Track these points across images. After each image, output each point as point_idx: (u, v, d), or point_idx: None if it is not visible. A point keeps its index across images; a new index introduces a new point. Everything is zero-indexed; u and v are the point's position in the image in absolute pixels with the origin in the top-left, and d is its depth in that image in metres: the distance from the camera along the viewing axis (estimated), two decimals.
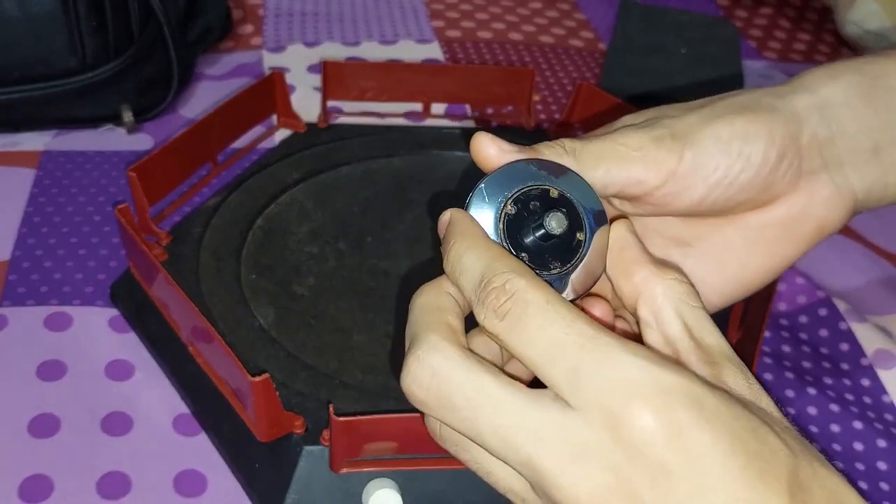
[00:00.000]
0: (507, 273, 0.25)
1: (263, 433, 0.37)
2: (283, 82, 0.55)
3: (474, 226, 0.27)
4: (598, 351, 0.23)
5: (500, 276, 0.25)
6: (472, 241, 0.26)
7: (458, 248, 0.26)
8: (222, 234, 0.47)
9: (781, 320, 0.49)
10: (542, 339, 0.24)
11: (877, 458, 0.42)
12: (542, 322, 0.24)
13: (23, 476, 0.38)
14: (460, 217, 0.27)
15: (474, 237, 0.26)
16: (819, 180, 0.31)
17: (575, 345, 0.23)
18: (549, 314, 0.24)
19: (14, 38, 0.55)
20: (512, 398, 0.24)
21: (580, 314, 0.24)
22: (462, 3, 0.85)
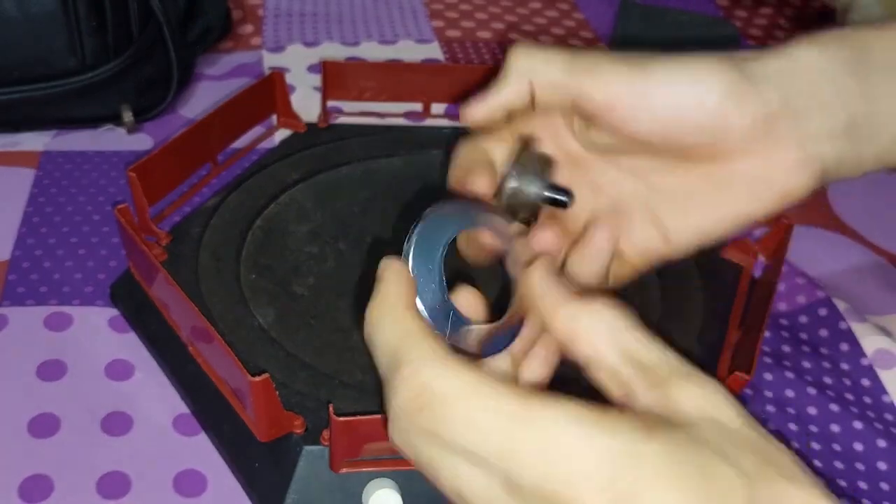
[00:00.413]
0: (416, 361, 0.24)
1: (263, 433, 0.37)
2: (282, 82, 0.55)
3: (397, 286, 0.27)
4: (523, 437, 0.22)
5: (410, 365, 0.24)
6: (388, 308, 0.27)
7: (373, 315, 0.27)
8: (222, 234, 0.47)
9: (781, 320, 0.49)
10: (465, 434, 0.23)
11: (877, 458, 0.42)
12: (459, 417, 0.23)
13: (23, 476, 0.38)
14: (388, 274, 0.28)
15: (394, 303, 0.27)
16: (786, 146, 0.31)
17: (504, 428, 0.22)
18: (462, 407, 0.23)
19: (14, 38, 0.55)
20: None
21: (496, 390, 0.23)
22: (462, 3, 0.85)
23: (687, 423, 0.23)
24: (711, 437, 0.22)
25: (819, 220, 0.58)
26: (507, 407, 0.23)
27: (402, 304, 0.27)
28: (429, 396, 0.24)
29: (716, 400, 0.24)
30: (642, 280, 0.47)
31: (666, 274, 0.48)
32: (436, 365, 0.24)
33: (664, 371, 0.24)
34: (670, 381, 0.24)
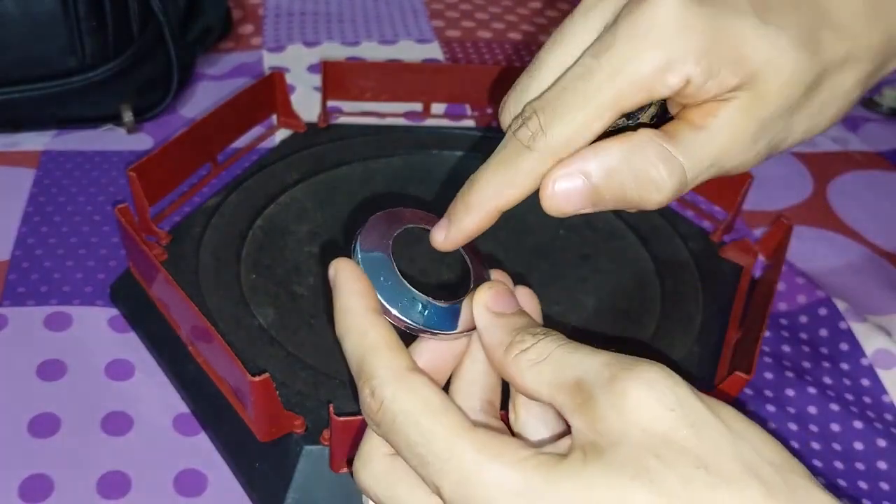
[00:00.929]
0: (375, 380, 0.25)
1: (263, 433, 0.37)
2: (283, 82, 0.55)
3: (351, 291, 0.27)
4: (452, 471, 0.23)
5: (369, 382, 0.26)
6: (351, 320, 0.27)
7: (339, 327, 0.27)
8: (222, 234, 0.47)
9: (781, 320, 0.49)
10: (410, 455, 0.25)
11: (877, 458, 0.42)
12: (405, 439, 0.24)
13: (23, 476, 0.38)
14: (341, 278, 0.28)
15: (354, 313, 0.27)
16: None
17: (436, 465, 0.24)
18: (411, 430, 0.24)
19: (14, 38, 0.55)
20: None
21: (441, 420, 0.24)
22: (462, 3, 0.85)
23: (611, 444, 0.22)
24: (634, 454, 0.22)
25: (819, 220, 0.58)
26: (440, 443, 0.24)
27: (362, 310, 0.27)
28: (385, 413, 0.25)
29: (640, 401, 0.22)
30: (642, 280, 0.47)
31: (666, 274, 0.48)
32: (392, 384, 0.25)
33: (588, 384, 0.23)
34: (594, 393, 0.23)
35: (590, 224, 0.51)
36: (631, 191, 0.26)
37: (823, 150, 0.66)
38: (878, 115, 0.71)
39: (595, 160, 0.26)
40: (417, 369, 0.26)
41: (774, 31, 0.26)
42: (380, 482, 0.27)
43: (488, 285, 0.28)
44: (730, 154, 0.27)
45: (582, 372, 0.24)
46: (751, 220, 0.57)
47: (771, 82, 0.26)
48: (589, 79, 0.25)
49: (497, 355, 0.26)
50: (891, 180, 0.63)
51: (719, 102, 0.26)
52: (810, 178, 0.62)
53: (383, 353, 0.26)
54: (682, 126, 0.26)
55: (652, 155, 0.26)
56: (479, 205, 0.27)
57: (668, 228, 0.51)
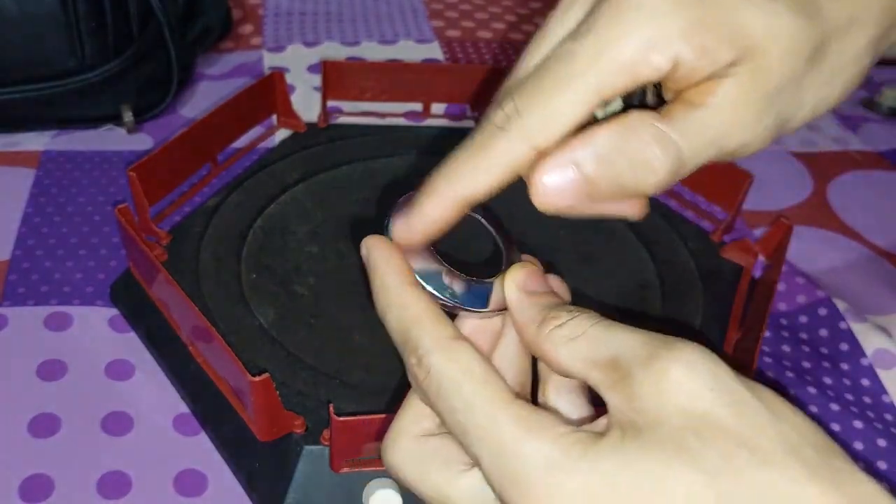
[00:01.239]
0: (421, 350, 0.26)
1: (263, 433, 0.37)
2: (283, 82, 0.55)
3: (391, 269, 0.28)
4: (492, 445, 0.23)
5: (415, 352, 0.26)
6: (392, 296, 0.27)
7: (380, 303, 0.28)
8: (222, 233, 0.47)
9: (781, 320, 0.49)
10: (462, 419, 0.24)
11: (877, 458, 0.42)
12: (457, 403, 0.25)
13: (23, 476, 0.38)
14: (376, 254, 0.28)
15: (394, 288, 0.27)
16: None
17: (475, 436, 0.24)
18: (455, 398, 0.25)
19: (14, 38, 0.55)
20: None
21: (484, 390, 0.24)
22: (462, 3, 0.85)
23: (650, 423, 0.22)
24: (673, 433, 0.21)
25: (819, 220, 0.58)
26: (480, 415, 0.24)
27: (401, 285, 0.27)
28: (432, 381, 0.25)
29: (680, 381, 0.22)
30: (642, 280, 0.47)
31: (666, 274, 0.48)
32: (437, 352, 0.25)
33: (626, 361, 0.23)
34: (632, 371, 0.23)
35: (590, 224, 0.51)
36: (626, 177, 0.25)
37: (823, 149, 0.66)
38: (878, 115, 0.71)
39: (584, 147, 0.24)
40: (461, 337, 0.26)
41: (769, 2, 0.24)
42: (408, 461, 0.27)
43: (520, 265, 0.28)
44: (731, 134, 0.25)
45: (619, 349, 0.23)
46: (751, 220, 0.57)
47: (770, 53, 0.25)
48: (568, 61, 0.24)
49: (530, 332, 0.26)
50: (891, 180, 0.63)
51: (717, 80, 0.25)
52: (810, 178, 0.62)
53: (427, 324, 0.26)
54: (678, 106, 0.25)
55: (645, 135, 0.24)
56: (445, 192, 0.26)
57: (668, 228, 0.51)
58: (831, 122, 0.69)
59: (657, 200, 0.53)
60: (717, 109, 0.25)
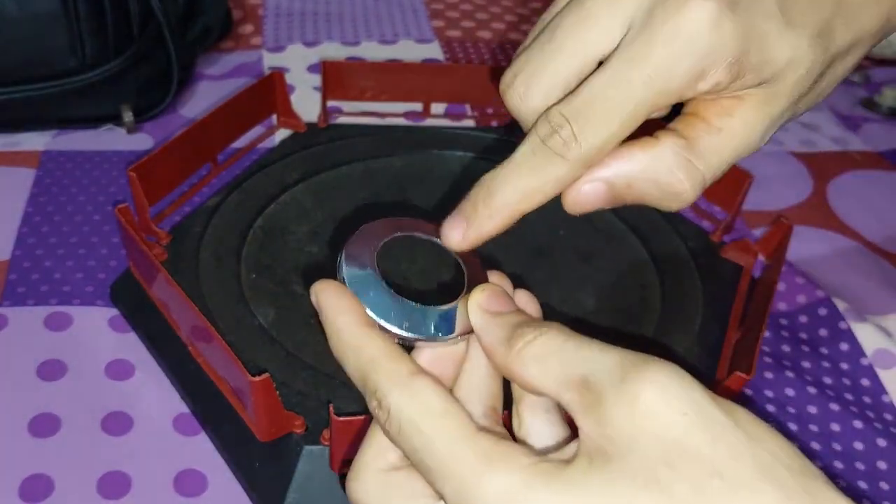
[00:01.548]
0: (379, 392, 0.25)
1: (263, 433, 0.37)
2: (283, 82, 0.55)
3: (342, 313, 0.27)
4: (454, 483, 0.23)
5: (374, 394, 0.26)
6: (346, 339, 0.27)
7: (335, 348, 0.27)
8: (222, 233, 0.47)
9: (781, 320, 0.49)
10: (424, 457, 0.24)
11: (877, 458, 0.42)
12: (417, 442, 0.24)
13: (23, 476, 0.38)
14: (329, 298, 0.27)
15: (347, 331, 0.27)
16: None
17: (439, 475, 0.23)
18: (423, 433, 0.24)
19: (14, 38, 0.55)
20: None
21: (451, 416, 0.24)
22: (462, 3, 0.85)
23: (620, 451, 0.21)
24: (644, 463, 0.21)
25: (819, 220, 0.58)
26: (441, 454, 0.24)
27: (353, 326, 0.27)
28: (394, 424, 0.25)
29: (653, 405, 0.21)
30: (642, 280, 0.47)
31: (666, 274, 0.48)
32: (395, 391, 0.25)
33: (598, 383, 0.23)
34: (604, 394, 0.22)
35: (590, 224, 0.51)
36: (651, 197, 0.27)
37: (823, 149, 0.66)
38: (878, 115, 0.71)
39: (617, 168, 0.27)
40: (420, 372, 0.26)
41: (797, 33, 0.26)
42: (372, 496, 0.26)
43: (482, 287, 0.28)
44: (742, 151, 0.27)
45: (590, 370, 0.23)
46: (751, 220, 0.57)
47: (787, 80, 0.27)
48: (625, 86, 0.25)
49: (499, 353, 0.26)
50: (891, 180, 0.63)
51: (735, 100, 0.27)
52: (810, 178, 0.62)
53: (384, 364, 0.26)
54: (699, 128, 0.27)
55: (673, 165, 0.26)
56: (504, 208, 0.27)
57: (668, 228, 0.51)
58: (831, 122, 0.69)
59: None
60: (735, 134, 0.27)
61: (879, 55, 0.79)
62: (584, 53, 0.26)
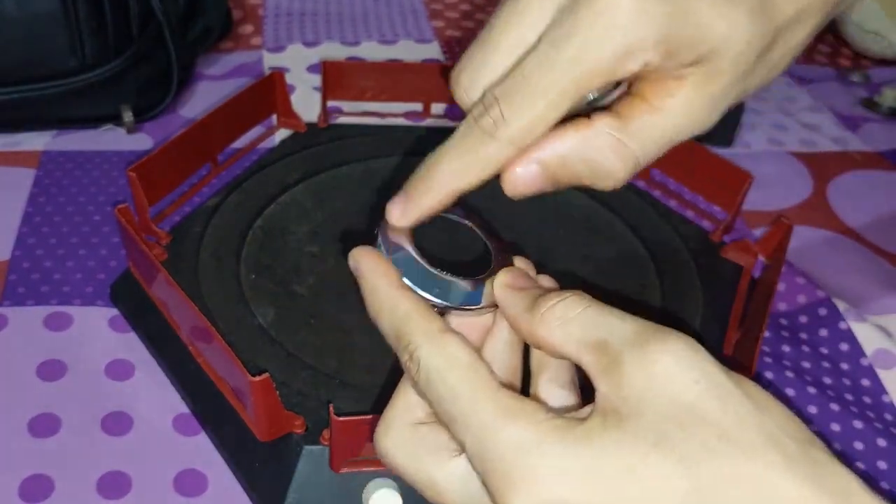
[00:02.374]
0: (412, 344, 0.27)
1: (263, 433, 0.37)
2: (283, 82, 0.55)
3: (379, 274, 0.29)
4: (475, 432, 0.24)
5: (406, 348, 0.27)
6: (382, 298, 0.28)
7: (372, 307, 0.29)
8: (222, 234, 0.47)
9: (781, 320, 0.49)
10: (448, 407, 0.25)
11: (877, 458, 0.42)
12: (443, 391, 0.26)
13: (23, 475, 0.38)
14: (367, 263, 0.29)
15: (383, 291, 0.28)
16: None
17: (461, 423, 0.25)
18: (448, 383, 0.26)
19: (14, 38, 0.55)
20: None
21: (468, 380, 0.25)
22: (462, 3, 0.85)
23: (634, 411, 0.23)
24: (656, 423, 0.22)
25: (819, 220, 0.58)
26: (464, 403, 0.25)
27: (389, 287, 0.28)
28: (423, 374, 0.26)
29: (669, 370, 0.23)
30: (642, 280, 0.47)
31: (666, 274, 0.48)
32: (426, 345, 0.26)
33: (617, 347, 0.24)
34: (622, 358, 0.23)
35: (590, 224, 0.51)
36: (585, 176, 0.27)
37: (823, 150, 0.66)
38: (878, 115, 0.71)
39: (550, 149, 0.27)
40: (450, 330, 0.27)
41: (732, 7, 0.26)
42: (400, 448, 0.27)
43: (505, 269, 0.29)
44: (684, 131, 0.28)
45: (611, 334, 0.24)
46: (751, 220, 0.57)
47: (726, 56, 0.26)
48: (549, 67, 0.26)
49: (523, 320, 0.27)
50: (891, 180, 0.63)
51: (676, 80, 0.27)
52: (810, 178, 0.62)
53: (416, 320, 0.27)
54: (637, 107, 0.27)
55: (604, 145, 0.27)
56: (440, 187, 0.28)
57: (668, 229, 0.51)
58: (831, 122, 0.69)
59: (657, 200, 0.53)
60: (675, 113, 0.27)
61: (880, 55, 0.79)
62: (518, 45, 0.27)
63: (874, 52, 0.79)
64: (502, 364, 0.29)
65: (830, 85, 0.75)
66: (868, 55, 0.80)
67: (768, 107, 0.70)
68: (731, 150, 0.64)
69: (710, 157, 0.51)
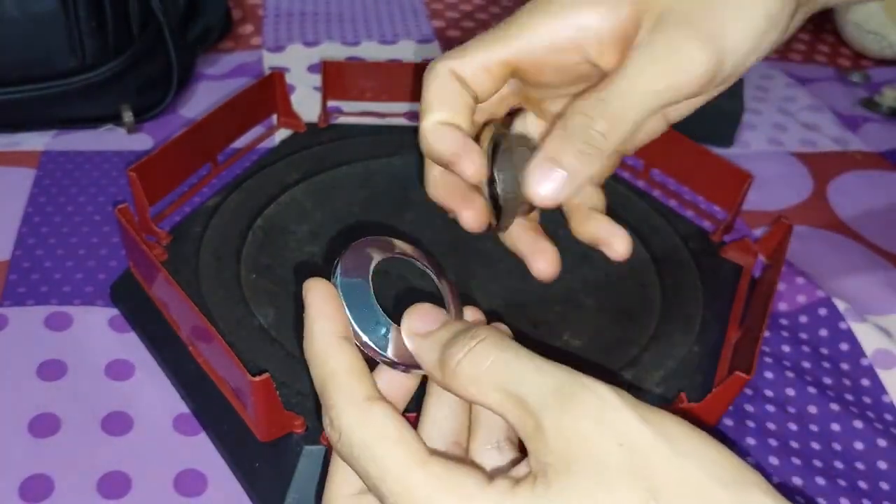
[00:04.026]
0: (333, 410, 0.26)
1: (263, 433, 0.37)
2: (283, 82, 0.55)
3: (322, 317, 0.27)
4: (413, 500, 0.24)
5: (328, 412, 0.26)
6: (315, 346, 0.27)
7: (305, 351, 0.27)
8: (222, 234, 0.47)
9: (781, 320, 0.49)
10: (367, 481, 0.25)
11: (877, 458, 0.42)
12: (363, 468, 0.25)
13: (23, 476, 0.38)
14: (313, 299, 0.28)
15: (318, 338, 0.27)
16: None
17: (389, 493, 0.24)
18: (366, 461, 0.25)
19: (14, 38, 0.55)
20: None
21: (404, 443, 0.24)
22: (462, 3, 0.85)
23: (562, 472, 0.23)
24: (583, 487, 0.22)
25: (819, 220, 0.58)
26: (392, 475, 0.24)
27: (326, 335, 0.27)
28: (345, 442, 0.25)
29: (590, 434, 0.23)
30: (642, 280, 0.47)
31: (666, 274, 0.48)
32: (349, 413, 0.25)
33: (536, 407, 0.23)
34: (542, 422, 0.23)
35: None
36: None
37: (823, 150, 0.66)
38: (878, 115, 0.71)
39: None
40: (378, 397, 0.26)
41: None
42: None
43: (409, 310, 0.28)
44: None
45: (527, 392, 0.24)
46: (751, 220, 0.57)
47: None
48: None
49: (436, 376, 0.26)
50: (891, 180, 0.63)
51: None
52: (810, 178, 0.62)
53: (343, 381, 0.26)
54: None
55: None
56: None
57: (668, 228, 0.51)
58: (831, 122, 0.69)
59: (657, 200, 0.53)
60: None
61: (880, 55, 0.79)
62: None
63: (874, 52, 0.79)
64: (446, 425, 0.28)
65: (830, 85, 0.75)
66: (868, 55, 0.80)
67: (768, 107, 0.70)
68: (731, 150, 0.64)
69: (710, 157, 0.51)
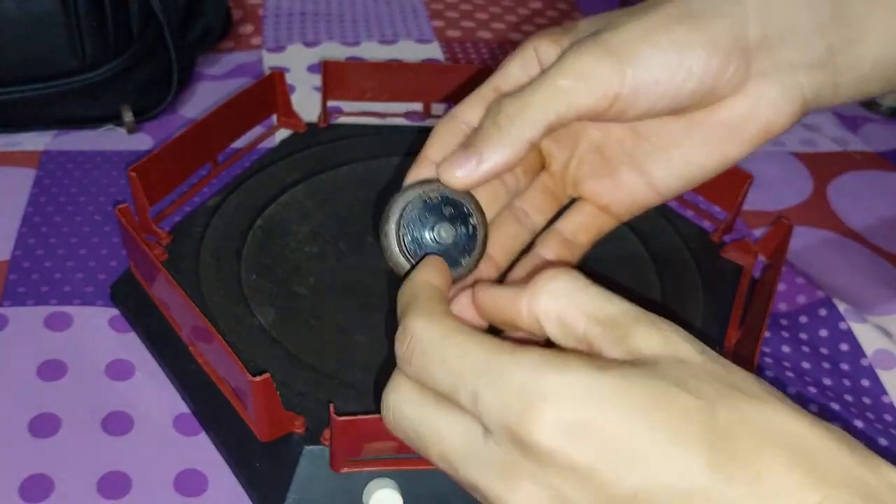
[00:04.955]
0: (406, 319, 0.27)
1: (264, 433, 0.37)
2: (283, 82, 0.55)
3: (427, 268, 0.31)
4: (491, 372, 0.24)
5: (402, 322, 0.28)
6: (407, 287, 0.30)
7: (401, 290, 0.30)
8: (222, 234, 0.47)
9: (781, 320, 0.49)
10: (443, 375, 0.25)
11: None
12: (439, 359, 0.26)
13: (23, 476, 0.38)
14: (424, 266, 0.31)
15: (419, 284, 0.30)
16: (767, 81, 0.31)
17: (472, 372, 0.25)
18: (444, 350, 0.26)
19: (14, 38, 0.55)
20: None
21: (474, 337, 0.26)
22: (462, 3, 0.85)
23: (650, 363, 0.24)
24: (671, 371, 0.23)
25: (819, 220, 0.58)
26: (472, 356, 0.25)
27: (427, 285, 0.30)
28: (416, 344, 0.26)
29: (676, 340, 0.25)
30: (642, 280, 0.47)
31: (666, 274, 0.48)
32: (424, 318, 0.27)
33: (624, 321, 0.25)
34: (631, 329, 0.25)
35: None
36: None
37: (823, 150, 0.66)
38: (878, 115, 0.71)
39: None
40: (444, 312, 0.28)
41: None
42: (407, 402, 0.27)
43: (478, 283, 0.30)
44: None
45: (619, 311, 0.26)
46: (751, 220, 0.57)
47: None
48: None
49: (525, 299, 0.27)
50: (891, 180, 0.63)
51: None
52: (810, 178, 0.62)
53: (421, 302, 0.28)
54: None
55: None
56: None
57: (668, 228, 0.51)
58: (831, 122, 0.69)
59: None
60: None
61: None
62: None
63: None
64: None
65: None
66: None
67: None
68: None
69: None
